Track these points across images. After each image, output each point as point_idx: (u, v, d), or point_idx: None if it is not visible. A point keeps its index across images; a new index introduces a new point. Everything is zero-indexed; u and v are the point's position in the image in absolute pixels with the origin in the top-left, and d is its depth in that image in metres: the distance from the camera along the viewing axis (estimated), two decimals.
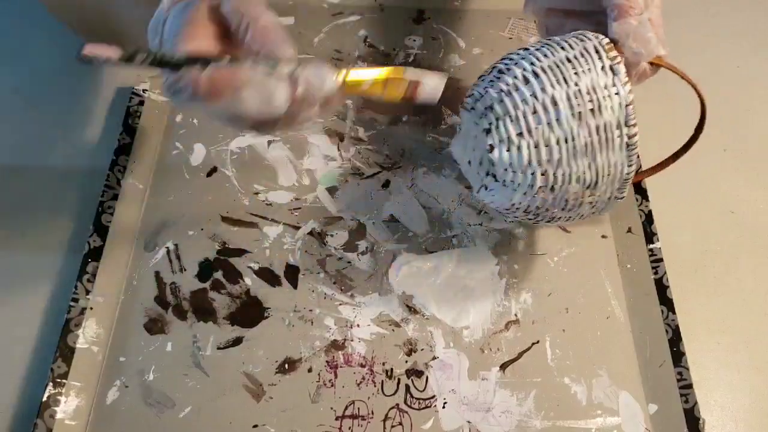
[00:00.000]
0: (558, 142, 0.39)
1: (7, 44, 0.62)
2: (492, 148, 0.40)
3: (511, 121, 0.39)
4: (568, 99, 0.38)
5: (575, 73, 0.39)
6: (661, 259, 0.50)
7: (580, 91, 0.38)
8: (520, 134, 0.39)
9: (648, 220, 0.52)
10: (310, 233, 0.52)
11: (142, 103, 0.56)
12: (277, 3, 0.65)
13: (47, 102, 0.58)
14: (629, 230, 0.52)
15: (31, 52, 0.61)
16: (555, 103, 0.38)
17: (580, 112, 0.38)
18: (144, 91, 0.57)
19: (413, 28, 0.65)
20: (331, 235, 0.51)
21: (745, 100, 0.62)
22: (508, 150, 0.39)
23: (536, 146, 0.39)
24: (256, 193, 0.53)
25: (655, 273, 0.50)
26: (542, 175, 0.40)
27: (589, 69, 0.39)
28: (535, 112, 0.39)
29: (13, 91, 0.59)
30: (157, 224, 0.51)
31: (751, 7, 0.69)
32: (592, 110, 0.39)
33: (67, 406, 0.43)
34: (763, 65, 0.65)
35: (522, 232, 0.52)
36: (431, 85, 0.40)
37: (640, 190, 0.53)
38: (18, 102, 0.58)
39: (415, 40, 0.64)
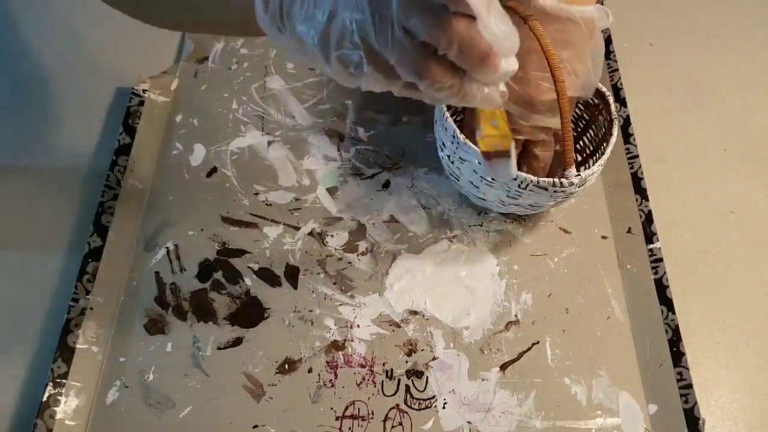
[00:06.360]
0: None
1: (7, 44, 0.62)
2: None
3: None
4: None
5: None
6: (661, 259, 0.50)
7: None
8: None
9: (648, 220, 0.52)
10: (310, 233, 0.52)
11: (142, 103, 0.56)
12: None
13: (47, 102, 0.58)
14: (629, 230, 0.52)
15: (31, 51, 0.61)
16: None
17: None
18: (144, 91, 0.57)
19: None
20: (331, 236, 0.51)
21: (745, 100, 0.62)
22: None
23: None
24: (256, 194, 0.53)
25: (655, 273, 0.50)
26: None
27: None
28: None
29: (13, 91, 0.59)
30: (157, 224, 0.51)
31: (751, 7, 0.70)
32: None
33: (67, 406, 0.43)
34: (763, 65, 0.65)
35: (522, 233, 0.52)
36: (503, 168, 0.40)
37: (640, 190, 0.53)
38: (18, 102, 0.58)
39: None
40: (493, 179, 0.45)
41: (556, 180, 0.43)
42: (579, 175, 0.43)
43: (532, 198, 0.46)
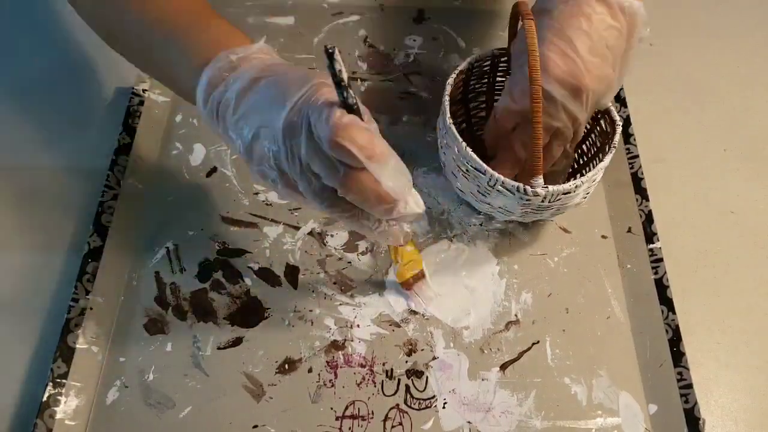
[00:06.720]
0: None
1: (7, 44, 0.62)
2: None
3: None
4: None
5: None
6: (661, 259, 0.50)
7: None
8: None
9: (648, 220, 0.52)
10: (310, 233, 0.52)
11: (142, 103, 0.56)
12: (277, 3, 0.65)
13: (47, 102, 0.58)
14: (629, 230, 0.52)
15: (31, 52, 0.61)
16: None
17: None
18: (144, 91, 0.57)
19: (413, 28, 0.65)
20: (331, 235, 0.51)
21: (745, 100, 0.62)
22: None
23: None
24: (256, 193, 0.53)
25: (655, 273, 0.50)
26: None
27: None
28: None
29: (13, 91, 0.59)
30: (157, 224, 0.51)
31: (751, 7, 0.70)
32: None
33: (67, 406, 0.43)
34: (763, 65, 0.65)
35: (522, 233, 0.52)
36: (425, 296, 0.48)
37: (640, 190, 0.53)
38: (18, 102, 0.58)
39: (415, 40, 0.64)
40: (462, 191, 0.47)
41: (521, 185, 0.43)
42: (547, 187, 0.43)
43: (500, 200, 0.45)
